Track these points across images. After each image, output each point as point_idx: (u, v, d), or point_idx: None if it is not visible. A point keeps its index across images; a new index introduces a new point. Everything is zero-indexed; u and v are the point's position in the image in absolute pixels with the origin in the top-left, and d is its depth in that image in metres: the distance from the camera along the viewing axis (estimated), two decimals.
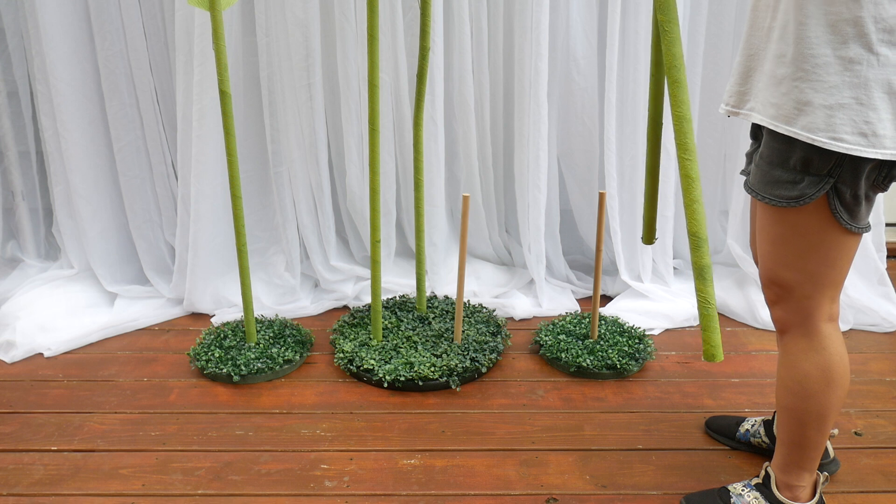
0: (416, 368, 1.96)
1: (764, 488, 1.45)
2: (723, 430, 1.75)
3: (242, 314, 2.15)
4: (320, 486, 1.61)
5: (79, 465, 1.68)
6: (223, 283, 2.39)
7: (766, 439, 1.66)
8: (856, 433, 1.78)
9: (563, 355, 2.04)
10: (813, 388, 1.31)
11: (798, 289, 1.26)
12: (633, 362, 2.02)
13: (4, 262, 2.50)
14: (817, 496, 1.43)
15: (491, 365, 2.05)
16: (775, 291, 1.30)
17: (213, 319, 2.33)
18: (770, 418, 1.68)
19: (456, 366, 1.97)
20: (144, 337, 2.25)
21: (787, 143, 1.17)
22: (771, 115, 1.17)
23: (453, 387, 1.96)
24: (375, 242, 2.01)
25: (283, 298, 2.40)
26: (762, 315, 2.27)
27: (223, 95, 1.84)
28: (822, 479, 1.43)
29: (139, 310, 2.33)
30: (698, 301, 1.17)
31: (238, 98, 2.27)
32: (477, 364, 2.01)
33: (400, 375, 1.94)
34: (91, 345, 2.20)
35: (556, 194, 2.50)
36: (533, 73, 2.22)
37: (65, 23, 2.18)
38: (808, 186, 1.17)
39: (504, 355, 2.13)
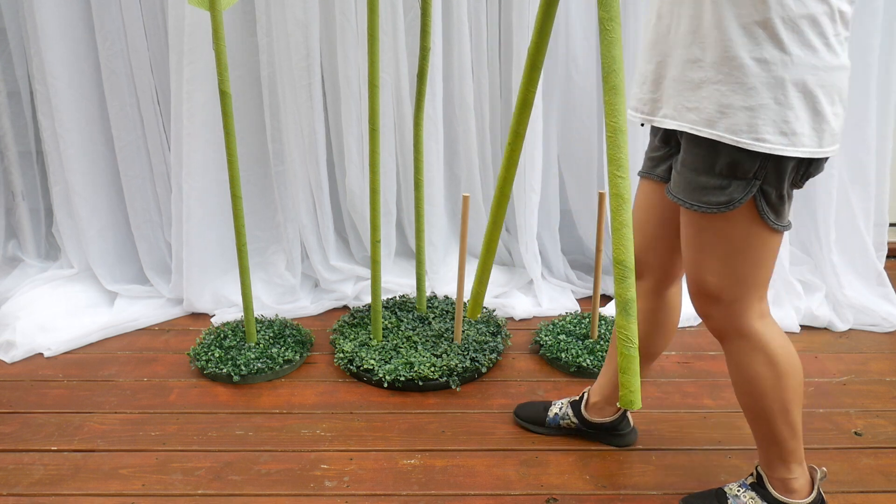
0: (416, 368, 1.96)
1: (759, 487, 1.45)
2: (531, 419, 1.78)
3: (242, 314, 2.16)
4: (320, 486, 1.61)
5: (79, 465, 1.68)
6: (223, 282, 2.40)
7: (574, 419, 1.71)
8: (856, 433, 1.78)
9: (563, 355, 2.04)
10: (766, 386, 1.32)
11: (727, 293, 1.26)
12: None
13: (5, 262, 2.50)
14: (815, 492, 1.42)
15: (491, 365, 2.05)
16: (704, 301, 1.30)
17: (213, 319, 2.33)
18: (577, 399, 1.71)
19: (456, 366, 1.97)
20: (144, 337, 2.25)
21: (710, 149, 1.16)
22: (691, 121, 1.17)
23: (453, 387, 1.96)
24: (375, 242, 2.01)
25: (283, 298, 2.40)
26: None
27: (223, 95, 1.84)
28: (819, 475, 1.43)
29: (139, 310, 2.33)
30: (619, 339, 1.06)
31: (238, 98, 2.27)
32: (477, 364, 2.01)
33: (400, 375, 1.94)
34: (91, 345, 2.20)
35: (556, 194, 2.50)
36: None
37: (63, 23, 2.18)
38: (735, 190, 1.17)
39: (504, 355, 2.13)
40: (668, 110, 1.21)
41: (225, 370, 1.99)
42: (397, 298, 2.35)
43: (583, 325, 2.17)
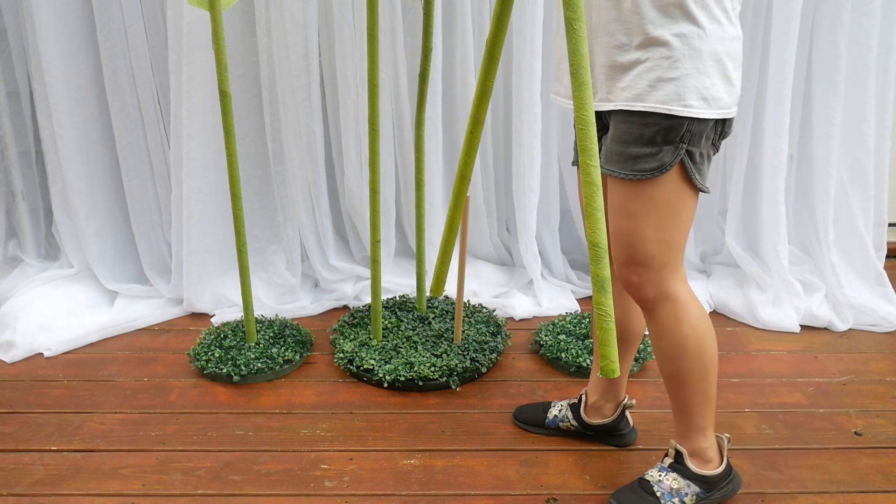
0: (416, 368, 1.96)
1: (679, 466, 1.49)
2: (531, 420, 1.79)
3: (242, 314, 2.16)
4: (320, 486, 1.61)
5: (79, 465, 1.68)
6: (223, 282, 2.40)
7: (574, 422, 1.73)
8: (856, 433, 1.78)
9: (563, 355, 2.04)
10: (691, 347, 1.38)
11: (657, 259, 1.34)
12: (633, 362, 2.02)
13: (5, 262, 2.50)
14: (725, 460, 1.49)
15: (491, 365, 2.05)
16: (635, 271, 1.36)
17: (213, 319, 2.33)
18: (576, 401, 1.73)
19: (456, 366, 1.97)
20: (144, 337, 2.25)
21: (640, 121, 1.26)
22: (624, 98, 1.26)
23: (453, 387, 1.97)
24: (375, 242, 2.01)
25: (283, 298, 2.40)
26: (762, 315, 2.27)
27: (223, 95, 1.84)
28: (725, 442, 1.49)
29: (139, 310, 2.33)
30: (598, 314, 1.14)
31: (237, 98, 2.27)
32: (477, 364, 2.01)
33: (400, 375, 1.94)
34: (91, 345, 2.20)
35: (556, 194, 2.50)
36: (528, 72, 2.22)
37: (59, 22, 2.18)
38: (666, 155, 1.26)
39: (504, 355, 2.13)
40: (602, 94, 1.31)
41: (225, 370, 1.99)
42: (397, 298, 2.35)
43: (583, 325, 2.17)
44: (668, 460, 1.51)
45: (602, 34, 1.26)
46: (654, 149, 1.27)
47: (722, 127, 1.31)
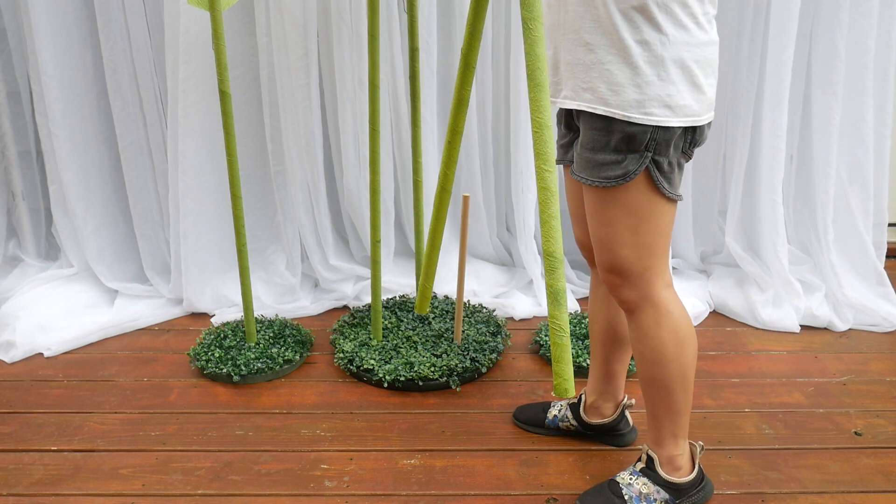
0: (416, 368, 1.96)
1: (650, 471, 1.50)
2: (531, 420, 1.80)
3: (242, 314, 2.16)
4: (320, 486, 1.61)
5: (79, 465, 1.68)
6: (223, 281, 2.40)
7: (573, 422, 1.74)
8: (856, 433, 1.78)
9: None
10: (670, 353, 1.38)
11: (637, 263, 1.33)
12: (633, 362, 2.02)
13: (5, 262, 2.50)
14: (697, 467, 1.49)
15: (491, 365, 2.05)
16: (618, 274, 1.36)
17: (213, 319, 2.33)
18: (576, 401, 1.74)
19: (456, 366, 1.97)
20: (144, 337, 2.25)
21: (605, 127, 1.25)
22: (587, 100, 1.26)
23: (453, 387, 1.97)
24: (376, 242, 2.01)
25: (283, 298, 2.40)
26: (762, 315, 2.27)
27: (223, 95, 1.84)
28: (698, 450, 1.50)
29: (139, 309, 2.33)
30: (551, 329, 1.08)
31: (236, 98, 2.27)
32: (477, 364, 2.01)
33: (400, 375, 1.94)
34: (91, 345, 2.20)
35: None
36: (525, 75, 2.23)
37: (56, 22, 2.18)
38: (630, 163, 1.25)
39: (504, 355, 2.13)
40: (568, 91, 1.30)
41: (225, 370, 1.99)
42: (397, 298, 2.35)
43: (583, 325, 2.18)
44: (640, 465, 1.51)
45: (569, 31, 1.26)
46: (620, 156, 1.25)
47: (693, 135, 1.28)
